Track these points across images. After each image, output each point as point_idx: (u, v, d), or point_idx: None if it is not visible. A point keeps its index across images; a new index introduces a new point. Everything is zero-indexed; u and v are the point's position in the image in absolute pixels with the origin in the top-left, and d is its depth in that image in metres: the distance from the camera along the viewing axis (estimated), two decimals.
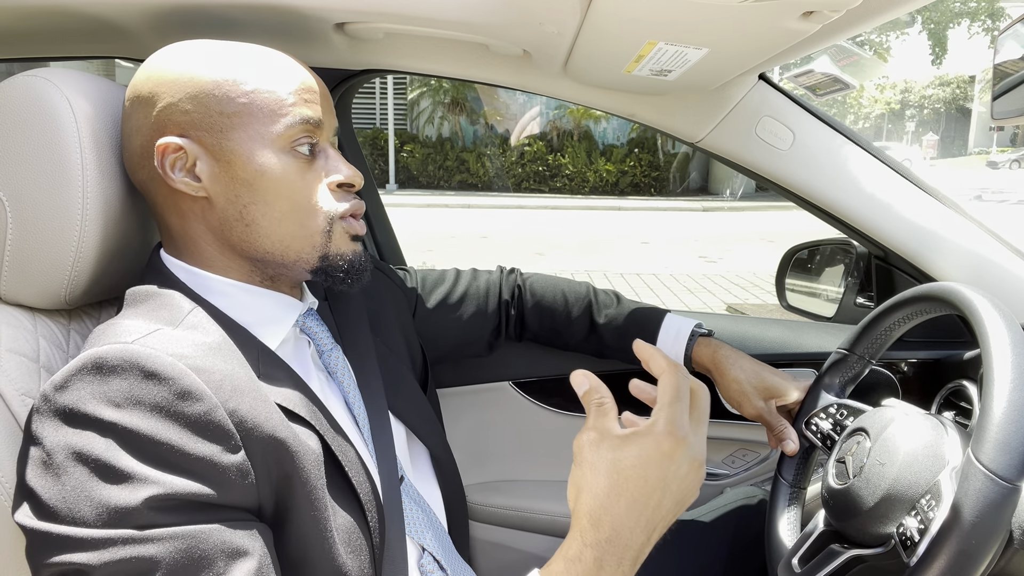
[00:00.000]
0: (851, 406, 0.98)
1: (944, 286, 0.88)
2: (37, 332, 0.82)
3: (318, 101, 0.82)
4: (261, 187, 0.78)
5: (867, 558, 0.79)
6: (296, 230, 0.81)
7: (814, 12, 0.74)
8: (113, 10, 1.03)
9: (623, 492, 0.63)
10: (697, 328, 1.17)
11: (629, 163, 17.89)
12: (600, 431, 0.65)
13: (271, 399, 0.73)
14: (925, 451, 0.79)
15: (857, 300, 1.44)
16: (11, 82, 0.81)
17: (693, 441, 0.64)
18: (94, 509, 0.61)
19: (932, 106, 23.13)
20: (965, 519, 0.66)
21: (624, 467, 0.63)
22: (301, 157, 0.80)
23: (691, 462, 0.64)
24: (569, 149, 18.10)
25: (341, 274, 0.84)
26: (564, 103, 17.67)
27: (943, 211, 1.24)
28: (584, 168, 17.90)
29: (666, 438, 0.63)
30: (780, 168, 1.25)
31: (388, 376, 0.98)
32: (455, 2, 0.98)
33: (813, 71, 1.32)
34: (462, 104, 18.38)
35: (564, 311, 1.25)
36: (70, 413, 0.64)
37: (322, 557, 0.74)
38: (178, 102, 0.77)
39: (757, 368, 1.10)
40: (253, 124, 0.78)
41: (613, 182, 17.79)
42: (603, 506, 0.63)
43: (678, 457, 0.63)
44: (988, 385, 0.71)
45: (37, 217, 0.79)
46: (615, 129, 18.56)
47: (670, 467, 0.63)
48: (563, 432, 1.45)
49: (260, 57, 0.81)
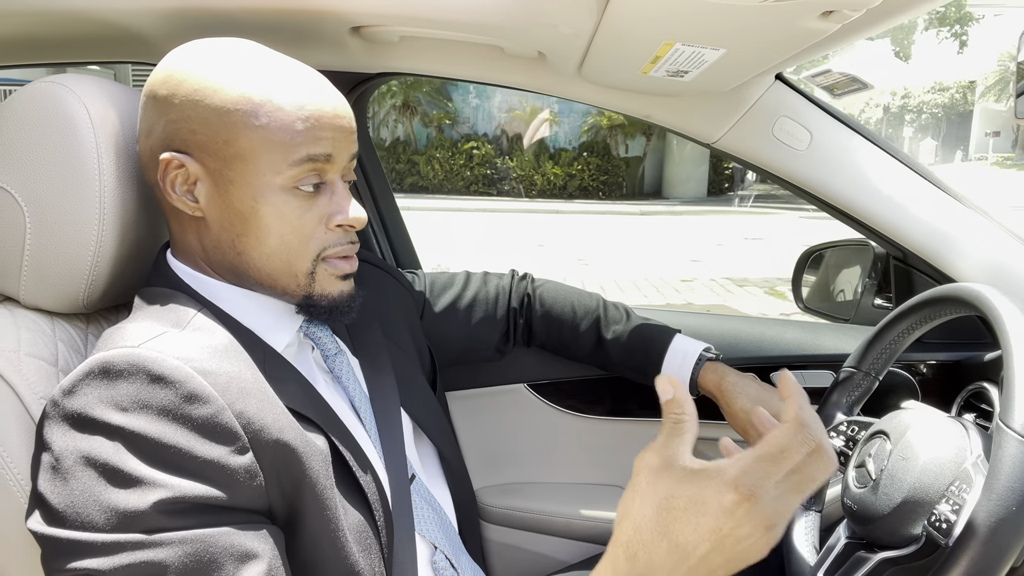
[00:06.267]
0: (862, 421, 0.96)
1: (950, 288, 0.87)
2: (56, 336, 0.82)
3: (334, 134, 0.78)
4: (255, 223, 0.77)
5: (898, 559, 0.77)
6: (283, 268, 0.79)
7: (833, 12, 0.73)
8: (129, 15, 1.04)
9: (667, 533, 0.55)
10: (705, 352, 1.15)
11: (577, 167, 17.84)
12: (664, 458, 0.57)
13: (278, 401, 0.73)
14: (948, 448, 0.77)
15: (875, 301, 1.43)
16: (29, 89, 0.81)
17: (766, 502, 0.54)
18: (103, 513, 0.61)
19: (931, 111, 22.91)
20: (1004, 486, 0.65)
21: (676, 506, 0.55)
22: (303, 195, 0.78)
23: (756, 524, 0.54)
24: (517, 152, 18.06)
25: (324, 313, 0.83)
26: (514, 106, 17.79)
27: (963, 211, 1.23)
28: (532, 171, 17.87)
29: (730, 490, 0.54)
30: (797, 169, 1.24)
31: (399, 376, 0.98)
32: (471, 5, 0.98)
33: (831, 71, 1.32)
34: (413, 107, 18.29)
35: (572, 323, 1.24)
36: (78, 418, 0.64)
37: (334, 557, 0.74)
38: (188, 119, 0.75)
39: (764, 395, 1.08)
40: (257, 159, 0.75)
41: (561, 185, 17.75)
42: (643, 541, 0.56)
43: (739, 515, 0.54)
44: (1008, 358, 0.71)
45: (56, 222, 0.80)
46: (567, 133, 18.52)
47: (726, 523, 0.54)
48: (578, 435, 1.44)
49: (278, 81, 0.76)
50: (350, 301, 0.85)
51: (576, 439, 1.45)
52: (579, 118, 18.06)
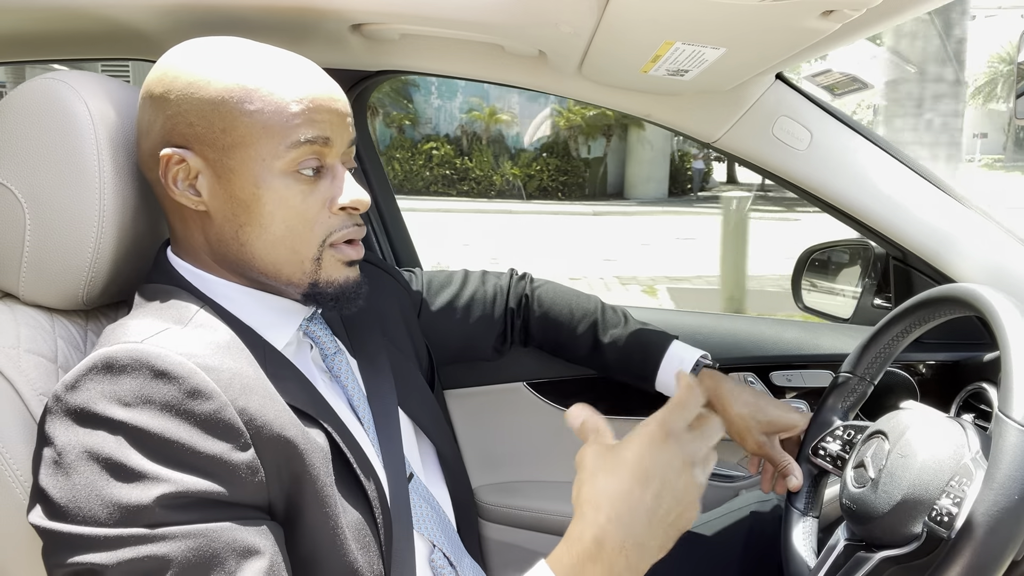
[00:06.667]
0: (858, 426, 0.96)
1: (943, 289, 0.88)
2: (55, 332, 0.82)
3: (329, 117, 0.79)
4: (258, 210, 0.77)
5: (899, 557, 0.76)
6: (288, 255, 0.79)
7: (834, 11, 0.73)
8: (129, 12, 1.04)
9: (622, 478, 0.64)
10: (702, 359, 1.15)
11: (536, 167, 17.86)
12: (600, 443, 0.68)
13: (280, 397, 0.73)
14: (947, 446, 0.77)
15: (875, 301, 1.43)
16: (29, 85, 0.82)
17: (685, 440, 0.65)
18: (105, 508, 0.61)
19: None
20: (1005, 475, 0.65)
21: (622, 459, 0.65)
22: (304, 179, 0.78)
23: (683, 460, 0.65)
24: (476, 153, 18.05)
25: (330, 301, 0.83)
26: (475, 107, 17.76)
27: (962, 211, 1.23)
28: (491, 172, 17.87)
29: (657, 429, 0.65)
30: (797, 168, 1.24)
31: (396, 375, 0.98)
32: (472, 3, 0.98)
33: (831, 70, 1.31)
34: (375, 108, 18.19)
35: (569, 326, 1.23)
36: (81, 413, 0.64)
37: (333, 554, 0.74)
38: (184, 113, 0.76)
39: (760, 402, 1.08)
40: (255, 145, 0.75)
41: (520, 186, 17.73)
42: (602, 491, 0.64)
43: (669, 449, 0.64)
44: (1006, 350, 0.71)
45: (55, 219, 0.80)
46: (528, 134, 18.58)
47: (662, 455, 0.64)
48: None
49: (271, 68, 0.77)
50: (356, 288, 0.84)
51: (575, 438, 1.44)
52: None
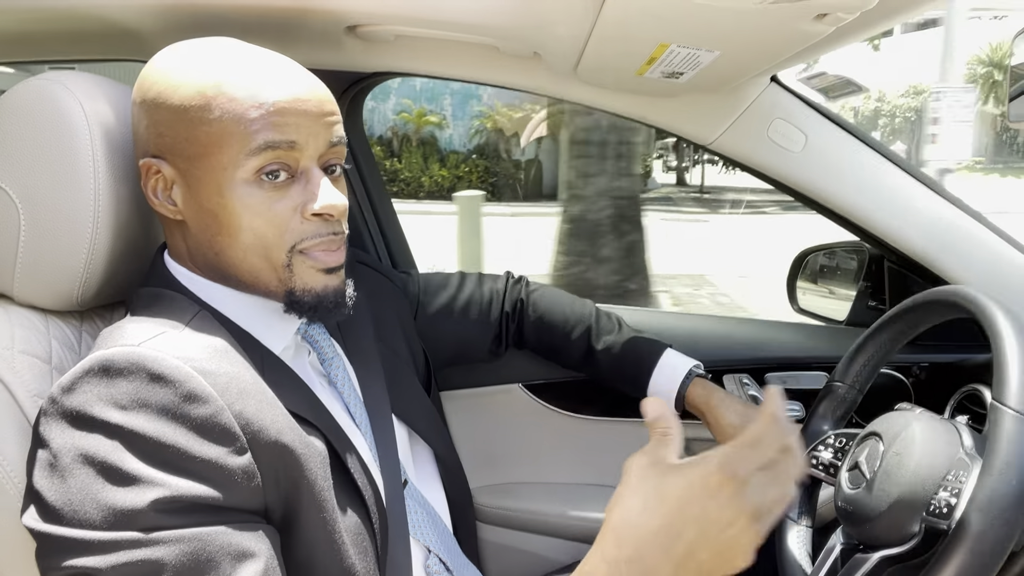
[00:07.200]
0: (849, 433, 0.96)
1: (929, 293, 0.89)
2: (49, 334, 0.82)
3: (296, 120, 0.75)
4: (226, 220, 0.75)
5: (897, 556, 0.76)
6: (262, 263, 0.77)
7: (828, 14, 0.73)
8: (123, 12, 1.04)
9: (655, 517, 0.58)
10: (695, 368, 1.14)
11: (464, 169, 17.92)
12: (653, 457, 0.60)
13: (277, 402, 0.73)
14: (942, 444, 0.78)
15: (870, 303, 1.43)
16: (24, 86, 0.81)
17: (749, 491, 0.57)
18: (100, 511, 0.61)
19: (904, 115, 22.65)
20: (1003, 462, 0.64)
21: (665, 493, 0.58)
22: (269, 185, 0.75)
23: (740, 511, 0.57)
24: (406, 154, 18.11)
25: (309, 310, 0.79)
26: (405, 108, 17.78)
27: (956, 214, 1.23)
28: (419, 173, 17.94)
29: (716, 473, 0.57)
30: (792, 171, 1.24)
31: (391, 380, 0.97)
32: (467, 5, 0.98)
33: (826, 73, 1.32)
34: None
35: (563, 331, 1.23)
36: (77, 415, 0.64)
37: (330, 559, 0.74)
38: (156, 123, 0.75)
39: (751, 412, 1.08)
40: (217, 155, 0.74)
41: (448, 187, 17.73)
42: (631, 525, 0.59)
43: (723, 498, 0.57)
44: (997, 341, 0.72)
45: (49, 219, 0.79)
46: (460, 136, 18.60)
47: (711, 505, 0.57)
48: (573, 435, 1.44)
49: (235, 74, 0.74)
50: (337, 297, 0.81)
51: (571, 439, 1.45)
52: (471, 121, 18.21)
